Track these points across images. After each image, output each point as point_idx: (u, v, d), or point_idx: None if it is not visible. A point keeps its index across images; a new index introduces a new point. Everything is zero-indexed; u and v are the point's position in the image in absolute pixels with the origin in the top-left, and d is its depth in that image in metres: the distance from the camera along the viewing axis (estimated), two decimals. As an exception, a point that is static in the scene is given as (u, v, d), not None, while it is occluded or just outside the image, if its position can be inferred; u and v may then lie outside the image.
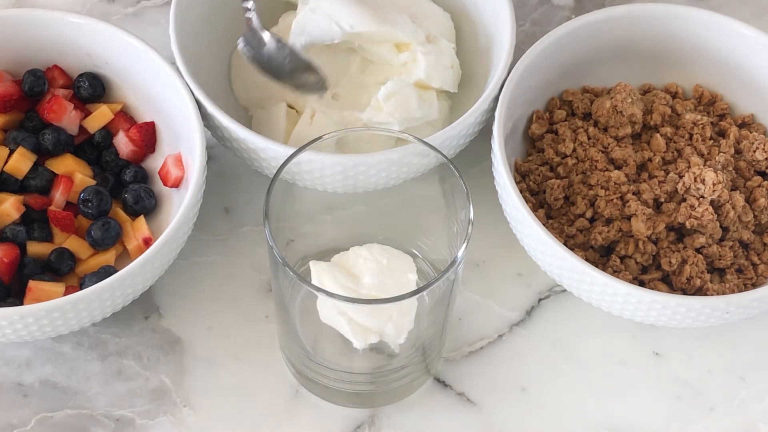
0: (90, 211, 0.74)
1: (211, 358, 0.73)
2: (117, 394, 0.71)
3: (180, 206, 0.70)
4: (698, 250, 0.73)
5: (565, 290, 0.75)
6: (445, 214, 0.67)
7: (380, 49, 0.78)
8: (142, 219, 0.75)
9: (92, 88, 0.79)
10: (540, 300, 0.77)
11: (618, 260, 0.72)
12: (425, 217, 0.70)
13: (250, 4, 0.75)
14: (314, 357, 0.69)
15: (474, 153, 0.78)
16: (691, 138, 0.78)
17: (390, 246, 0.67)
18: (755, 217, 0.75)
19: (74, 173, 0.76)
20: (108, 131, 0.79)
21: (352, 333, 0.64)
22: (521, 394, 0.72)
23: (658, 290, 0.70)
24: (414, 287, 0.64)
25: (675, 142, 0.78)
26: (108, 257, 0.73)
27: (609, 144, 0.77)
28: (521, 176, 0.77)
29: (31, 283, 0.70)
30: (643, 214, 0.72)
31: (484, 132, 0.76)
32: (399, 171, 0.71)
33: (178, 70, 0.74)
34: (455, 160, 0.72)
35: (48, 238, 0.74)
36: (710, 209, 0.72)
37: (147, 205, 0.76)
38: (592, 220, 0.74)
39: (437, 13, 0.82)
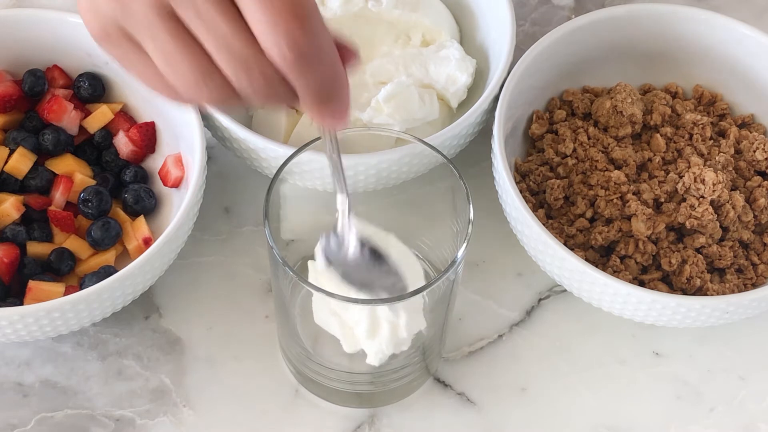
0: (90, 211, 0.74)
1: (211, 358, 0.73)
2: (117, 394, 0.71)
3: (180, 206, 0.70)
4: (698, 250, 0.73)
5: (565, 290, 0.75)
6: (445, 214, 0.67)
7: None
8: (142, 219, 0.75)
9: (92, 88, 0.79)
10: (540, 300, 0.77)
11: (618, 260, 0.72)
12: (425, 218, 0.70)
13: (343, 203, 0.61)
14: (314, 357, 0.69)
15: (474, 153, 0.78)
16: (691, 138, 0.78)
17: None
18: (755, 217, 0.75)
19: (74, 173, 0.76)
20: (108, 131, 0.79)
21: (343, 336, 0.64)
22: (521, 394, 0.72)
23: (658, 290, 0.70)
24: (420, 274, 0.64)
25: (675, 142, 0.78)
26: (108, 257, 0.73)
27: (609, 144, 0.77)
28: (521, 176, 0.77)
29: (31, 283, 0.70)
30: (643, 214, 0.72)
31: (484, 132, 0.76)
32: (399, 171, 0.71)
33: (178, 70, 0.74)
34: (455, 160, 0.72)
35: (48, 238, 0.74)
36: (710, 209, 0.72)
37: (147, 205, 0.76)
38: (592, 220, 0.74)
39: (441, 12, 0.82)
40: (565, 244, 0.72)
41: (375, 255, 0.63)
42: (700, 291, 0.72)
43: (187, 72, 0.50)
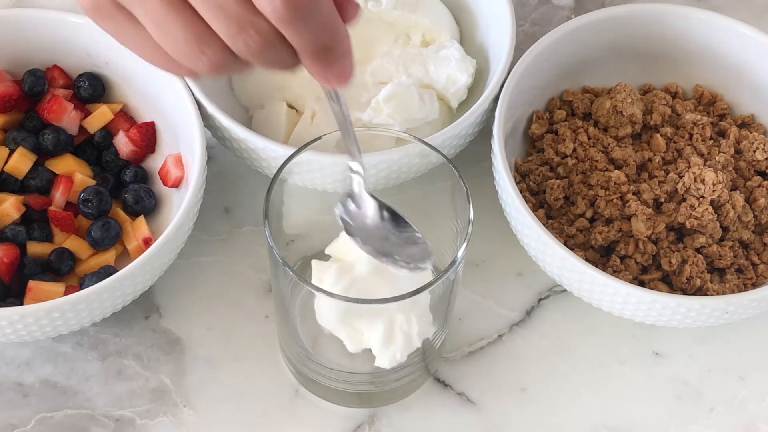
0: (90, 211, 0.74)
1: (211, 358, 0.73)
2: (117, 394, 0.71)
3: (180, 206, 0.70)
4: (698, 250, 0.73)
5: (565, 290, 0.75)
6: (445, 215, 0.67)
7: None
8: (142, 219, 0.75)
9: (92, 88, 0.79)
10: (540, 300, 0.77)
11: (618, 260, 0.72)
12: (425, 217, 0.70)
13: (357, 166, 0.60)
14: (314, 357, 0.69)
15: (474, 153, 0.78)
16: (691, 138, 0.78)
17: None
18: (755, 217, 0.75)
19: (74, 173, 0.76)
20: (108, 131, 0.79)
21: (347, 336, 0.64)
22: (521, 394, 0.72)
23: (658, 290, 0.70)
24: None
25: (675, 142, 0.78)
26: (108, 257, 0.73)
27: (609, 144, 0.77)
28: (521, 176, 0.77)
29: (31, 283, 0.70)
30: (643, 214, 0.72)
31: (484, 132, 0.76)
32: (399, 171, 0.71)
33: (178, 70, 0.74)
34: (455, 160, 0.72)
35: (48, 238, 0.74)
36: (710, 209, 0.72)
37: (147, 205, 0.76)
38: (592, 220, 0.74)
39: (441, 12, 0.82)
40: (565, 244, 0.72)
41: (396, 219, 0.61)
42: (700, 291, 0.72)
43: (181, 38, 0.49)
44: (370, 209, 0.61)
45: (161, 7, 0.48)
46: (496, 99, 0.74)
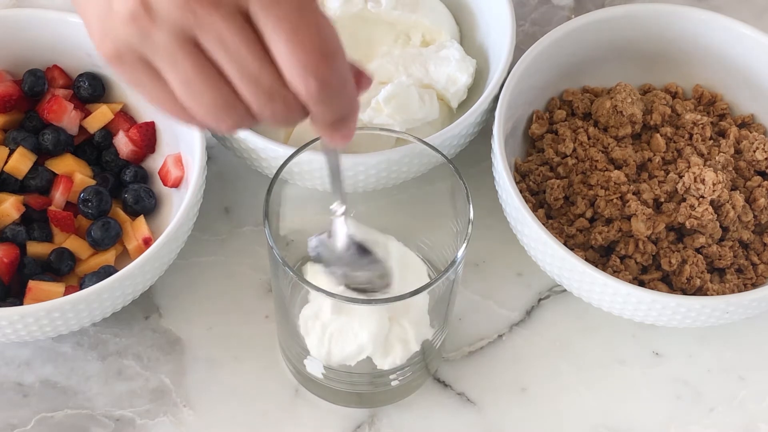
0: (90, 211, 0.74)
1: (211, 358, 0.73)
2: (117, 394, 0.71)
3: (180, 206, 0.70)
4: (698, 250, 0.73)
5: (565, 290, 0.75)
6: (445, 215, 0.67)
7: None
8: (142, 219, 0.75)
9: (92, 88, 0.79)
10: (540, 300, 0.77)
11: (618, 260, 0.72)
12: (425, 218, 0.70)
13: (341, 209, 0.62)
14: (314, 357, 0.69)
15: (474, 153, 0.78)
16: (691, 138, 0.78)
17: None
18: (755, 217, 0.75)
19: (74, 173, 0.76)
20: (108, 131, 0.79)
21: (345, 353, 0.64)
22: (521, 394, 0.72)
23: (658, 290, 0.70)
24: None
25: (675, 142, 0.78)
26: (108, 257, 0.73)
27: (609, 144, 0.77)
28: (521, 176, 0.77)
29: (31, 283, 0.70)
30: (643, 214, 0.72)
31: (484, 132, 0.76)
32: (399, 171, 0.71)
33: (178, 70, 0.74)
34: (455, 160, 0.72)
35: (48, 238, 0.74)
36: (710, 209, 0.72)
37: (147, 205, 0.76)
38: (592, 220, 0.74)
39: (441, 12, 0.82)
40: (565, 244, 0.72)
41: (363, 251, 0.63)
42: (700, 291, 0.72)
43: (209, 101, 0.50)
44: (341, 243, 0.63)
45: (192, 70, 0.49)
46: (496, 99, 0.74)
